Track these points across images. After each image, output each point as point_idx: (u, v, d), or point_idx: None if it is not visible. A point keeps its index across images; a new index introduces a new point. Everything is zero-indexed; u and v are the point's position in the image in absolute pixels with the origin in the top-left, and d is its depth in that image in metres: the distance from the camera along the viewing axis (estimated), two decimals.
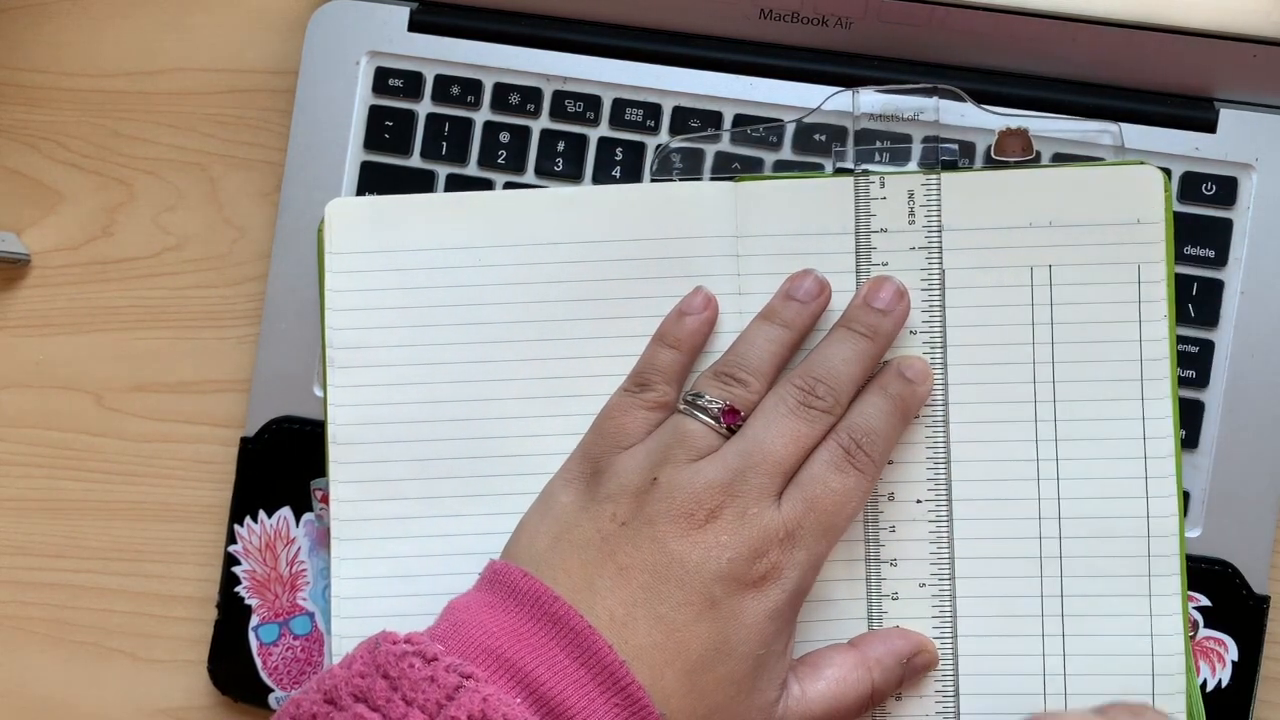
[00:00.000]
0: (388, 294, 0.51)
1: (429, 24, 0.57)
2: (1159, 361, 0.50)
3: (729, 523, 0.46)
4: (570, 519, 0.47)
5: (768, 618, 0.46)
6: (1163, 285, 0.50)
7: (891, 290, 0.49)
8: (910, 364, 0.49)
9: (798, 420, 0.47)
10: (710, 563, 0.45)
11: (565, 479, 0.49)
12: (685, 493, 0.46)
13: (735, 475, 0.46)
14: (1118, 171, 0.50)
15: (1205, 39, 0.53)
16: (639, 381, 0.49)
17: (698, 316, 0.50)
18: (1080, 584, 0.50)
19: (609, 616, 0.45)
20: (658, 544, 0.45)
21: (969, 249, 0.50)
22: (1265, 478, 0.53)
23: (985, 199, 0.50)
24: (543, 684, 0.42)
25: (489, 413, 0.51)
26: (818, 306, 0.49)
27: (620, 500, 0.46)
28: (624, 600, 0.45)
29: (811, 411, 0.47)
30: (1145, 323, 0.50)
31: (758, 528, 0.46)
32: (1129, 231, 0.50)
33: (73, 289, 0.61)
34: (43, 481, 0.60)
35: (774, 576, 0.46)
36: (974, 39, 0.55)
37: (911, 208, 0.50)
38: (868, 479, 0.47)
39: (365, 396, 0.51)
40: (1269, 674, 0.54)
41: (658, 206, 0.51)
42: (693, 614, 0.45)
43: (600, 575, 0.45)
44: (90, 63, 0.61)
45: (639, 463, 0.47)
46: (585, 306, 0.51)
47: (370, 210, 0.52)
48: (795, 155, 0.55)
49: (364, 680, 0.42)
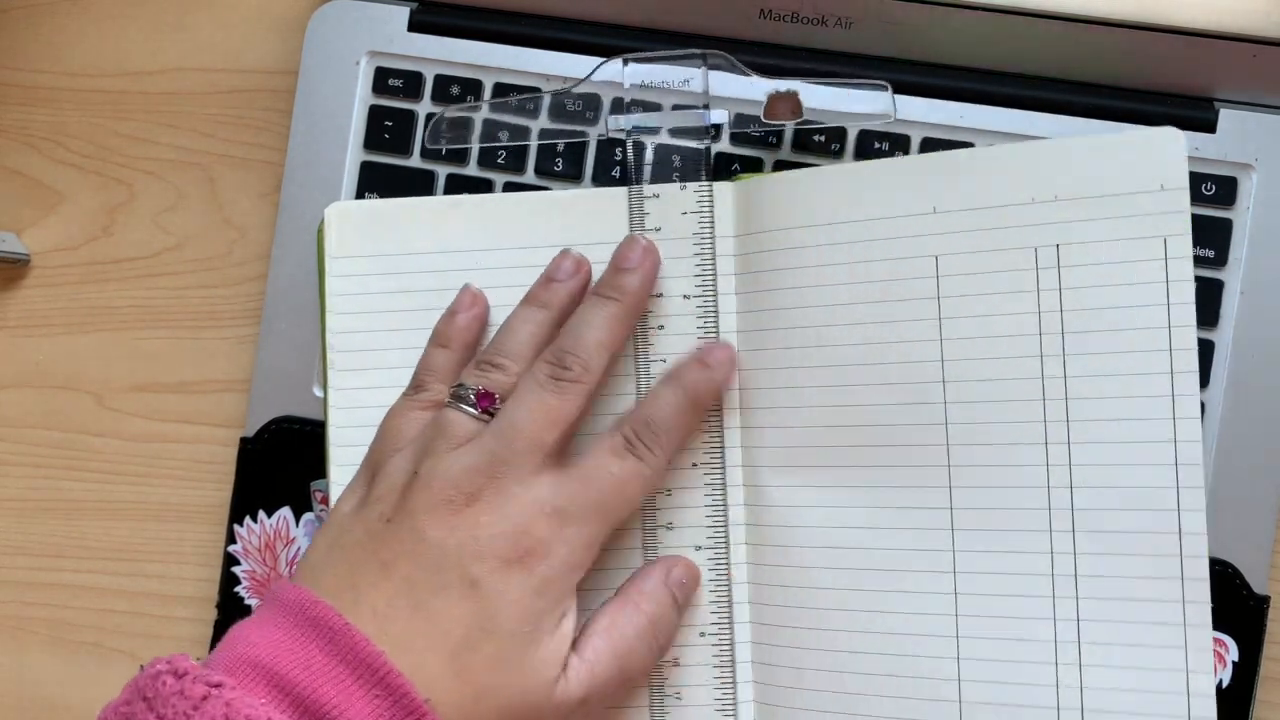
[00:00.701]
0: (387, 296, 0.51)
1: (429, 24, 0.57)
2: (1189, 354, 0.44)
3: (488, 503, 0.45)
4: (344, 525, 0.47)
5: (534, 593, 0.45)
6: (1190, 263, 0.44)
7: (637, 249, 0.49)
8: (712, 350, 0.49)
9: (548, 393, 0.47)
10: (469, 544, 0.45)
11: (348, 489, 0.49)
12: (443, 480, 0.45)
13: (492, 457, 0.46)
14: (1136, 135, 0.46)
15: (1205, 39, 0.53)
16: (414, 384, 0.50)
17: (467, 314, 0.50)
18: (1099, 607, 0.45)
19: (371, 612, 0.44)
20: (417, 534, 0.45)
21: (960, 232, 0.47)
22: (1265, 478, 0.53)
23: (958, 176, 0.47)
24: (297, 684, 0.42)
25: None
26: (575, 284, 0.50)
27: (387, 499, 0.46)
28: (386, 594, 0.45)
29: (561, 384, 0.47)
30: (1174, 306, 0.44)
31: (520, 505, 0.45)
32: (1152, 200, 0.45)
33: (73, 289, 0.61)
34: (43, 481, 0.60)
35: (540, 553, 0.45)
36: (974, 39, 0.55)
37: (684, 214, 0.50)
38: (649, 467, 0.47)
39: (365, 398, 0.51)
40: (1269, 674, 0.54)
41: (660, 204, 0.51)
42: (453, 597, 0.44)
43: (363, 574, 0.45)
44: (90, 63, 0.61)
45: (404, 459, 0.47)
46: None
47: (369, 213, 0.52)
48: (551, 123, 0.55)
49: (128, 707, 0.42)
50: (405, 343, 0.51)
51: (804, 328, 0.49)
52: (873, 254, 0.48)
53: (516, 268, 0.51)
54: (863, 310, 0.48)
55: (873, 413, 0.48)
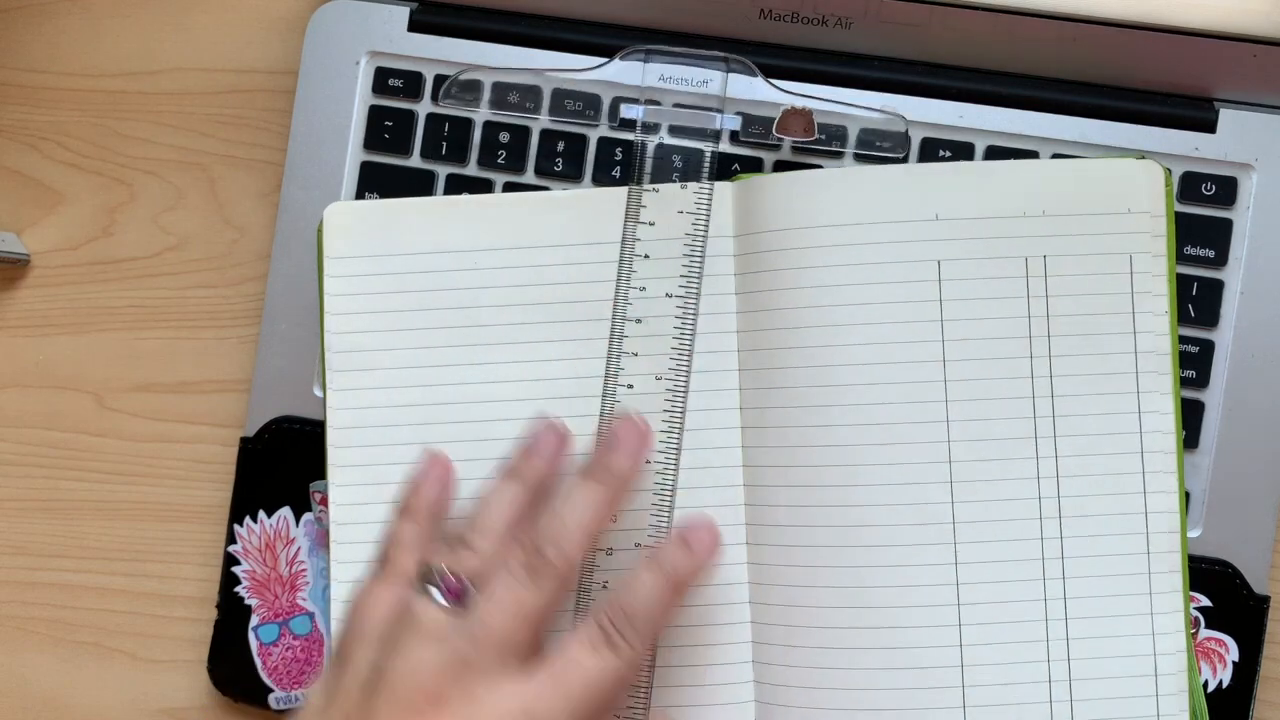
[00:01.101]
0: (386, 297, 0.51)
1: (429, 24, 0.57)
2: (1157, 356, 0.49)
3: (453, 710, 0.43)
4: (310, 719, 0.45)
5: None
6: (1162, 279, 0.49)
7: (632, 431, 0.48)
8: (697, 534, 0.47)
9: (523, 589, 0.44)
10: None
11: (321, 679, 0.46)
12: (407, 682, 0.43)
13: (458, 657, 0.43)
14: (1114, 164, 0.50)
15: (1205, 39, 0.53)
16: (380, 558, 0.48)
17: (431, 482, 0.49)
18: (1082, 584, 0.49)
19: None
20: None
21: (961, 239, 0.49)
22: (1265, 478, 0.53)
23: (960, 186, 0.49)
24: None
25: (487, 414, 0.51)
26: (556, 461, 0.48)
27: (351, 696, 0.44)
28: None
29: (538, 577, 0.45)
30: (1139, 314, 0.49)
31: (485, 711, 0.43)
32: (1120, 221, 0.49)
33: (73, 289, 0.61)
34: (43, 481, 0.60)
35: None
36: (974, 39, 0.55)
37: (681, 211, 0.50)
38: (625, 662, 0.45)
39: (364, 399, 0.51)
40: (1269, 674, 0.54)
41: (659, 203, 0.51)
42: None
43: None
44: (90, 63, 0.61)
45: (369, 653, 0.45)
46: (582, 308, 0.51)
47: (368, 214, 0.52)
48: (552, 120, 0.55)
49: None
50: (404, 343, 0.51)
51: (806, 327, 0.49)
52: (879, 256, 0.49)
53: (515, 268, 0.51)
54: (867, 311, 0.49)
55: (874, 411, 0.49)
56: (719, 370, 0.51)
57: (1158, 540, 0.49)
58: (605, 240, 0.51)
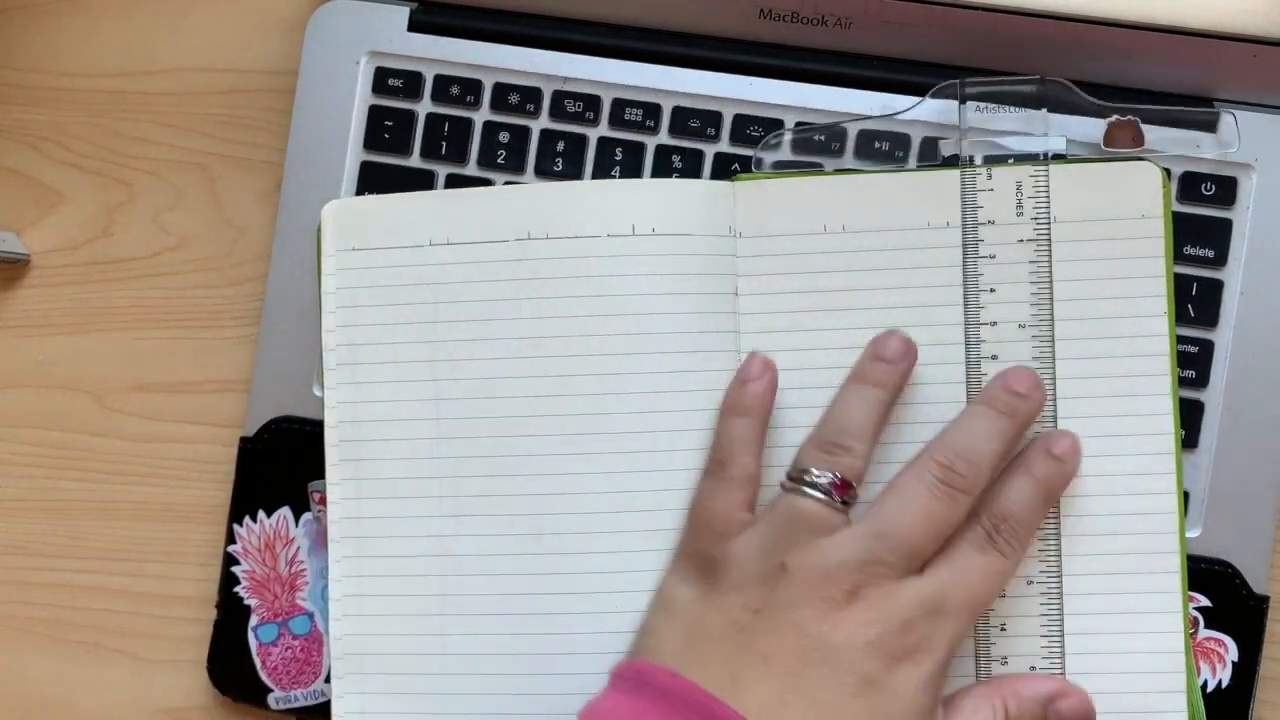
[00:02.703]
0: (385, 293, 0.51)
1: (429, 24, 0.57)
2: (1156, 357, 0.49)
3: (871, 601, 0.45)
4: (696, 614, 0.46)
5: (921, 690, 0.45)
6: (1161, 282, 0.49)
7: (1030, 380, 0.48)
8: (1058, 440, 0.48)
9: (935, 501, 0.46)
10: (857, 640, 0.44)
11: (679, 576, 0.48)
12: (818, 574, 0.45)
13: (870, 555, 0.45)
14: (1112, 167, 0.50)
15: (1205, 39, 0.53)
16: (719, 460, 0.48)
17: (759, 381, 0.49)
18: (1081, 583, 0.49)
19: (760, 707, 0.44)
20: (798, 628, 0.44)
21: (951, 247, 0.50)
22: (1265, 478, 0.53)
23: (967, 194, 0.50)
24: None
25: (487, 412, 0.51)
26: (906, 366, 0.49)
27: (747, 589, 0.46)
28: (773, 690, 0.44)
29: (950, 491, 0.46)
30: (1138, 316, 0.49)
31: (903, 602, 0.45)
32: (1119, 225, 0.49)
33: (73, 289, 0.61)
34: (43, 481, 0.60)
35: (925, 648, 0.45)
36: (974, 39, 0.55)
37: (1020, 199, 0.50)
38: (1009, 562, 0.47)
39: (364, 395, 0.51)
40: (1269, 674, 0.54)
41: (658, 202, 0.51)
42: (847, 694, 0.44)
43: (744, 668, 0.44)
44: (90, 63, 0.61)
45: (757, 548, 0.46)
46: (583, 304, 0.51)
47: (367, 210, 0.52)
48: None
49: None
50: (404, 338, 0.51)
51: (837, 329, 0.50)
52: (896, 262, 0.50)
53: (517, 260, 0.51)
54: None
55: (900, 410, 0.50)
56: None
57: (1157, 540, 0.49)
58: (608, 233, 0.50)
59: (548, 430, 0.51)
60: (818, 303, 0.50)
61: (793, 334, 0.50)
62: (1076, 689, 0.48)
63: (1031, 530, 0.48)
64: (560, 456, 0.50)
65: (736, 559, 0.46)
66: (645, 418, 0.50)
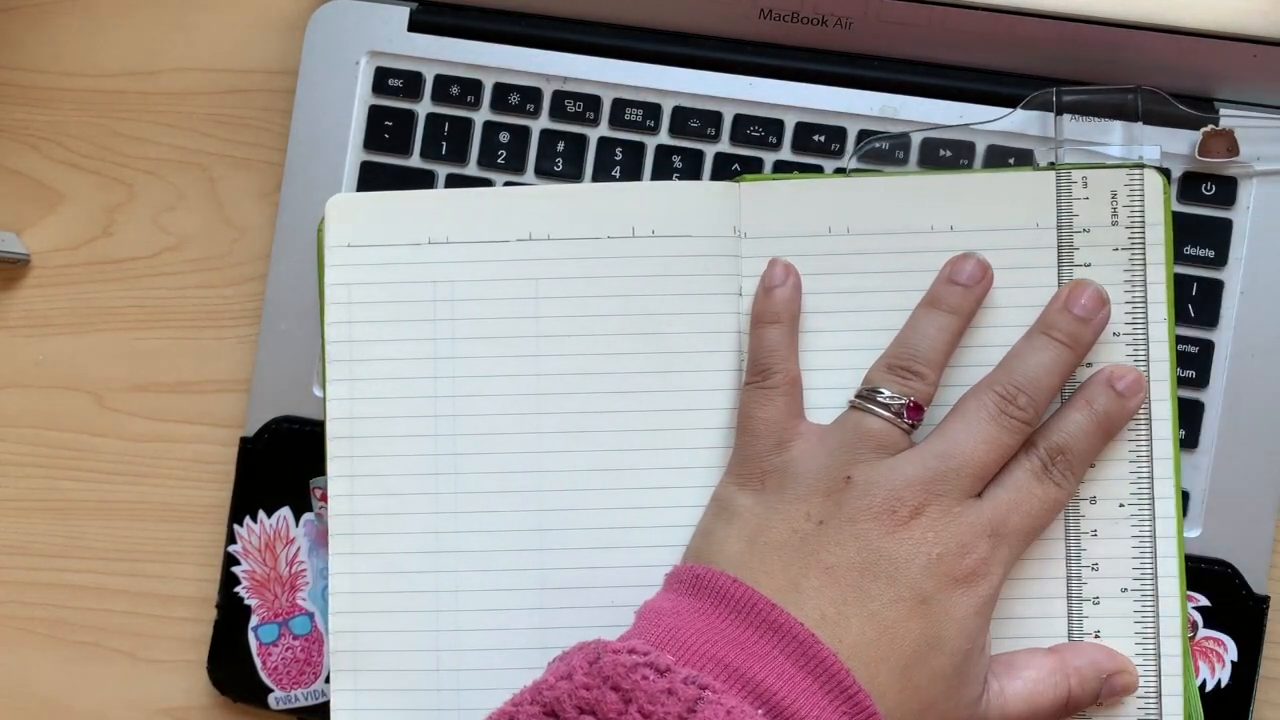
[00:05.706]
0: (387, 289, 0.51)
1: (429, 24, 0.57)
2: (1156, 360, 0.49)
3: (934, 519, 0.45)
4: (759, 521, 0.46)
5: (975, 612, 0.45)
6: (1161, 287, 0.49)
7: (1094, 295, 0.48)
8: (1123, 375, 0.48)
9: (996, 427, 0.47)
10: (919, 558, 0.45)
11: (737, 483, 0.48)
12: (885, 489, 0.45)
13: (935, 475, 0.46)
14: (1111, 172, 0.50)
15: (1205, 39, 0.53)
16: (759, 369, 0.49)
17: (785, 286, 0.49)
18: (1079, 583, 0.49)
19: (820, 616, 0.44)
20: (862, 541, 0.45)
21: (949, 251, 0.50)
22: (1265, 478, 0.53)
23: (958, 198, 0.50)
24: (774, 693, 0.42)
25: (487, 410, 0.51)
26: (981, 290, 0.49)
27: (812, 500, 0.46)
28: (833, 599, 0.44)
29: (1011, 420, 0.47)
30: (1137, 316, 0.49)
31: (964, 524, 0.45)
32: (1118, 229, 0.49)
33: (73, 289, 0.61)
34: (43, 481, 0.60)
35: (982, 572, 0.46)
36: (974, 39, 0.55)
37: (1114, 207, 0.50)
38: (1064, 493, 0.47)
39: (364, 392, 0.51)
40: (1269, 674, 0.54)
41: (659, 204, 0.51)
42: (904, 610, 0.44)
43: (805, 576, 0.45)
44: (90, 63, 0.61)
45: (823, 461, 0.47)
46: (584, 303, 0.51)
47: (370, 206, 0.52)
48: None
49: (590, 693, 0.41)
50: (406, 335, 0.51)
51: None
52: (893, 265, 0.50)
53: (518, 260, 0.51)
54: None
55: None
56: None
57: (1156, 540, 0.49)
58: (609, 235, 0.50)
59: (547, 429, 0.51)
60: (821, 304, 0.50)
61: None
62: (1130, 665, 0.48)
63: (1086, 463, 0.48)
64: (560, 455, 0.50)
65: (799, 470, 0.47)
66: (646, 416, 0.50)
